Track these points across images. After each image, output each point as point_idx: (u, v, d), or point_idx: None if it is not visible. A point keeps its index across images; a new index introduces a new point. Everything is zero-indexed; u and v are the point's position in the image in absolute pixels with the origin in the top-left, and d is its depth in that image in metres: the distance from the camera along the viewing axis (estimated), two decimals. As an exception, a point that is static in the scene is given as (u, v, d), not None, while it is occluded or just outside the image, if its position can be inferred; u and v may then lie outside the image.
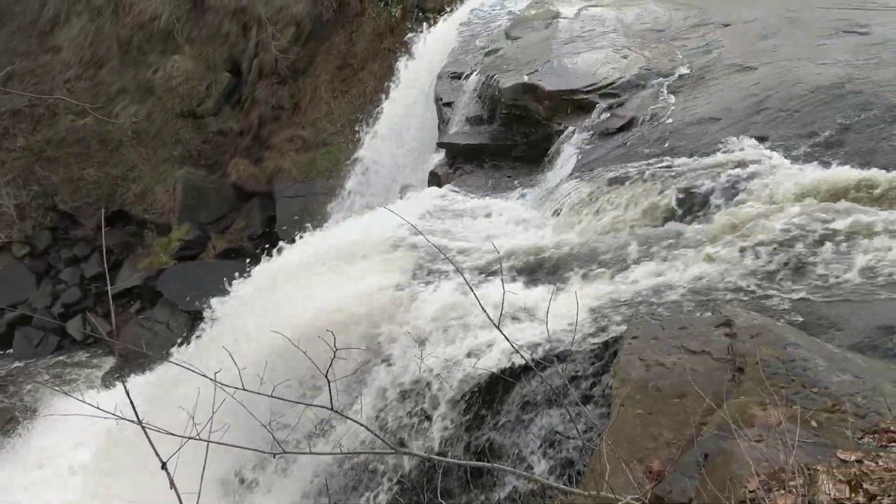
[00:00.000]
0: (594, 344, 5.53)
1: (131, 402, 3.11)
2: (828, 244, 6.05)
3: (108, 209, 20.96)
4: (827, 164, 6.89)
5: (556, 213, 7.77)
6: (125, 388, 3.15)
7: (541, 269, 6.80)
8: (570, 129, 9.10)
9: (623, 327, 5.52)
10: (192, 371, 3.05)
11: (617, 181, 7.54)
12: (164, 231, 20.66)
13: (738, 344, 5.02)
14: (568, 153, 8.82)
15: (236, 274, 9.13)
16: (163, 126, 22.24)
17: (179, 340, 10.50)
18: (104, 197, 21.17)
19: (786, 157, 7.14)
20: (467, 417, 5.73)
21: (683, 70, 9.30)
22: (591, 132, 8.84)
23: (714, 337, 5.15)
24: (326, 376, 2.84)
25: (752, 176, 6.99)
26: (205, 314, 9.13)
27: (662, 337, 5.23)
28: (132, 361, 14.29)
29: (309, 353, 3.42)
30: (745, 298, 5.82)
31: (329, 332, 3.08)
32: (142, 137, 22.01)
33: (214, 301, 9.03)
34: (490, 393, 5.76)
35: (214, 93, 22.80)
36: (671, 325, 5.35)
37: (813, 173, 6.78)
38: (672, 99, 8.78)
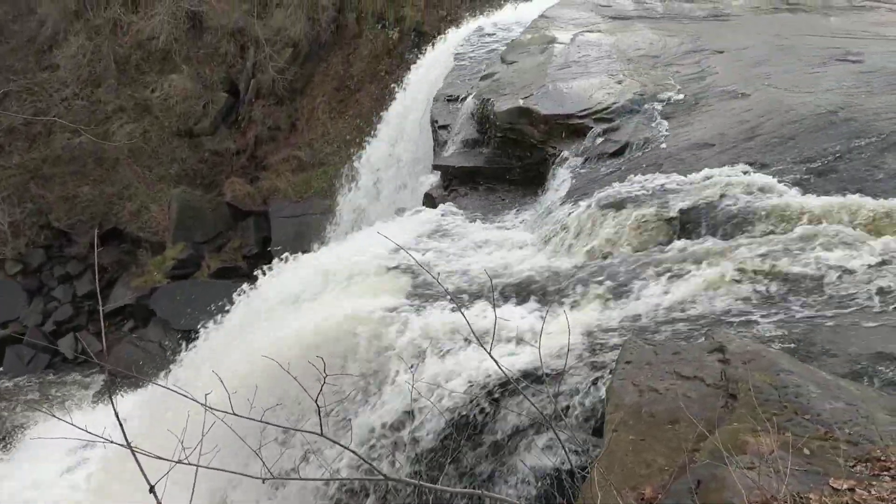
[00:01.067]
0: (586, 368, 5.52)
1: (120, 424, 3.09)
2: (823, 271, 6.07)
3: (103, 227, 20.94)
4: (820, 191, 6.93)
5: (550, 236, 7.78)
6: (114, 409, 3.13)
7: (534, 293, 6.80)
8: (565, 153, 9.14)
9: (616, 352, 5.50)
10: (182, 395, 3.03)
11: (611, 205, 7.56)
12: (159, 250, 20.64)
13: (730, 370, 5.01)
14: (562, 177, 8.85)
15: (231, 293, 9.12)
16: (159, 145, 22.29)
17: (171, 360, 10.45)
18: (99, 215, 21.16)
19: (780, 183, 7.17)
20: (458, 443, 5.70)
21: (677, 96, 9.36)
22: (586, 156, 8.88)
23: (707, 362, 5.14)
24: (316, 402, 2.82)
25: (746, 200, 7.01)
26: (197, 334, 9.10)
27: (655, 362, 5.22)
28: (123, 380, 14.20)
29: (300, 377, 3.41)
30: (738, 323, 5.83)
31: (319, 358, 3.07)
32: (138, 156, 22.04)
33: (207, 321, 9.00)
34: (481, 418, 5.74)
35: (211, 112, 22.89)
36: (664, 350, 5.34)
37: (804, 199, 6.82)
38: (666, 124, 8.83)
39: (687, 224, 7.03)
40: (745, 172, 7.34)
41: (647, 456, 4.48)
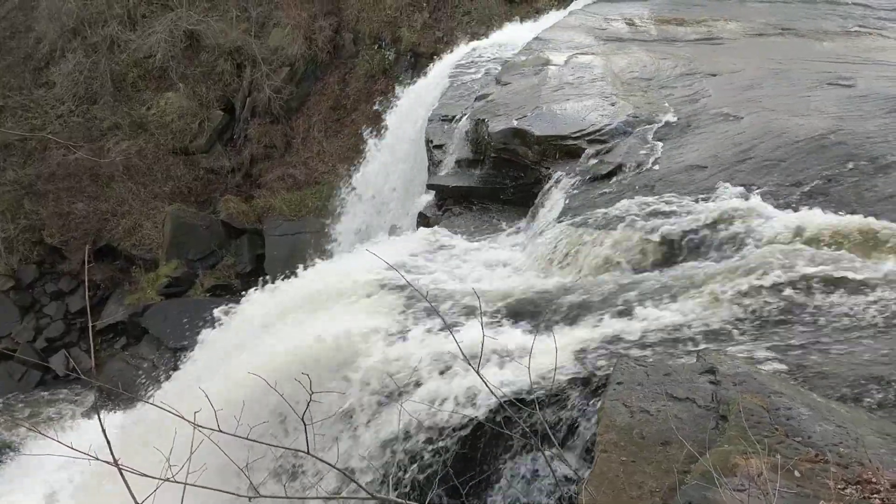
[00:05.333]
0: (578, 388, 5.52)
1: (108, 441, 3.08)
2: (813, 292, 6.09)
3: (97, 244, 20.92)
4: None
5: (543, 256, 7.80)
6: (102, 428, 3.12)
7: (525, 313, 6.80)
8: (559, 173, 9.17)
9: (608, 372, 5.50)
10: (170, 412, 3.02)
11: (604, 225, 7.59)
12: (152, 267, 20.60)
13: (721, 391, 5.02)
14: (556, 197, 8.88)
15: (220, 310, 9.11)
16: (154, 162, 22.31)
17: (162, 378, 10.43)
18: (92, 231, 21.12)
19: (772, 205, 7.21)
20: (447, 465, 5.67)
21: (670, 118, 9.43)
22: (580, 177, 8.92)
23: (698, 384, 5.15)
24: (303, 419, 2.82)
25: (738, 222, 7.04)
26: (187, 352, 9.08)
27: (647, 383, 5.22)
28: (114, 398, 14.12)
29: (286, 394, 3.40)
30: (729, 345, 5.84)
31: (305, 375, 3.07)
32: (133, 173, 22.04)
33: (197, 338, 8.98)
34: (472, 439, 5.72)
35: (207, 130, 22.95)
36: (656, 371, 5.34)
37: (798, 219, 6.85)
38: (659, 146, 8.88)
39: (678, 246, 7.05)
40: (734, 196, 7.38)
41: (638, 478, 4.47)
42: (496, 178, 10.19)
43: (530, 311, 6.82)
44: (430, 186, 11.13)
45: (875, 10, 14.18)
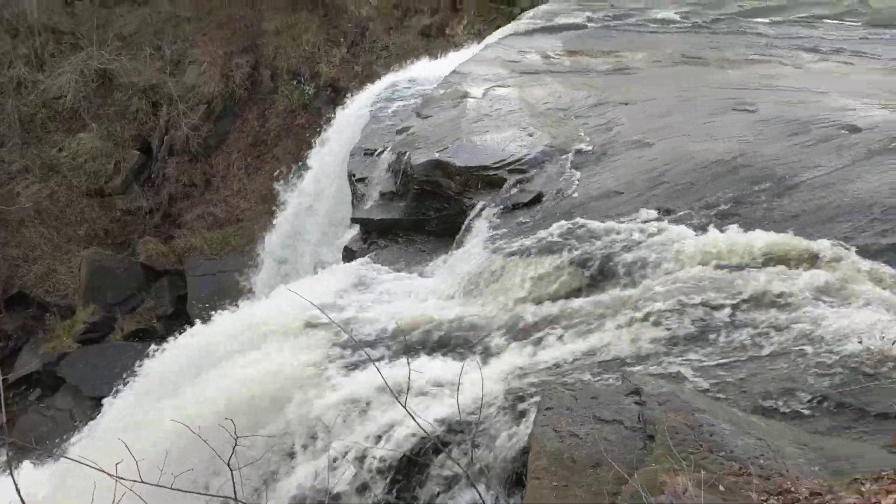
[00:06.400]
0: (507, 416, 5.55)
1: (22, 501, 2.95)
2: (729, 309, 6.31)
3: (7, 292, 20.07)
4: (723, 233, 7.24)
5: (469, 286, 7.85)
6: (16, 486, 2.98)
7: (453, 343, 6.83)
8: (481, 203, 9.28)
9: (536, 399, 5.56)
10: (89, 465, 2.91)
11: (526, 253, 7.70)
12: (68, 313, 19.86)
13: (647, 411, 5.13)
14: (479, 227, 8.98)
15: (143, 357, 8.86)
16: (67, 205, 21.62)
17: (81, 429, 10.01)
18: (2, 279, 20.27)
19: (687, 227, 7.46)
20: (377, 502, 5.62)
21: (586, 147, 9.68)
22: (502, 206, 9.04)
23: (625, 405, 5.25)
24: (228, 465, 2.75)
25: (656, 245, 7.25)
26: (105, 401, 8.76)
27: (575, 407, 5.29)
28: (29, 452, 13.45)
29: (211, 441, 3.32)
30: (652, 366, 5.98)
31: (229, 421, 3.00)
32: (45, 217, 21.31)
33: (119, 385, 8.69)
34: (400, 475, 5.67)
35: (123, 170, 22.42)
36: (583, 394, 5.42)
37: (713, 239, 7.10)
38: (577, 174, 9.09)
39: (598, 271, 7.21)
40: (650, 220, 7.61)
41: (570, 501, 4.52)
42: (420, 209, 10.24)
43: (458, 342, 6.84)
44: (354, 220, 11.10)
45: (772, 38, 14.95)
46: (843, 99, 10.55)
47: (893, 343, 5.49)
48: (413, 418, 3.52)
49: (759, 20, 16.34)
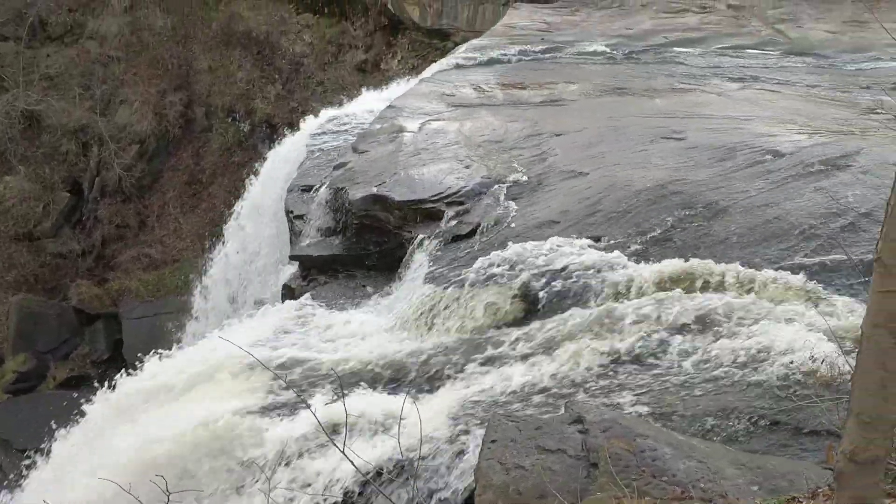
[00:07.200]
0: (451, 451, 5.52)
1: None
2: (664, 333, 6.44)
3: (-70, 343, 19.22)
4: (658, 259, 7.42)
5: (410, 319, 7.84)
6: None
7: (395, 378, 6.79)
8: (421, 236, 9.30)
9: (481, 431, 5.54)
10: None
11: (466, 285, 7.74)
12: (-4, 363, 19.12)
13: (590, 439, 5.15)
14: (419, 260, 8.99)
15: (80, 404, 8.55)
16: (-6, 251, 20.91)
17: (11, 484, 9.58)
18: (-75, 330, 19.44)
19: (622, 254, 7.61)
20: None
21: (522, 177, 9.80)
22: (441, 239, 9.08)
23: (568, 434, 5.27)
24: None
25: (592, 272, 7.37)
26: (40, 453, 8.42)
27: (520, 438, 5.28)
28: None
29: (142, 496, 3.20)
30: (595, 392, 6.04)
31: (161, 477, 2.91)
32: (-31, 264, 20.55)
33: (51, 438, 8.37)
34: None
35: (53, 213, 21.85)
36: (527, 426, 5.42)
37: (646, 267, 7.26)
38: (513, 205, 9.20)
39: (536, 300, 7.29)
40: (585, 248, 7.76)
41: (518, 535, 4.50)
42: (359, 244, 10.21)
43: (399, 377, 6.81)
44: (292, 258, 10.99)
45: (691, 67, 15.48)
46: (766, 125, 10.95)
47: (822, 361, 5.66)
48: (351, 462, 3.47)
49: (685, 50, 16.90)
